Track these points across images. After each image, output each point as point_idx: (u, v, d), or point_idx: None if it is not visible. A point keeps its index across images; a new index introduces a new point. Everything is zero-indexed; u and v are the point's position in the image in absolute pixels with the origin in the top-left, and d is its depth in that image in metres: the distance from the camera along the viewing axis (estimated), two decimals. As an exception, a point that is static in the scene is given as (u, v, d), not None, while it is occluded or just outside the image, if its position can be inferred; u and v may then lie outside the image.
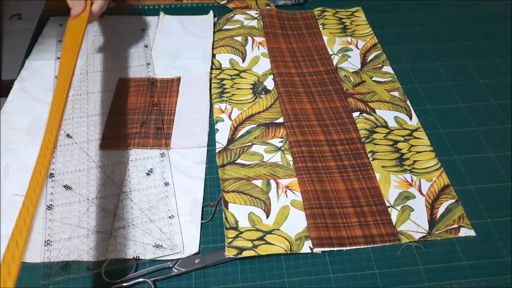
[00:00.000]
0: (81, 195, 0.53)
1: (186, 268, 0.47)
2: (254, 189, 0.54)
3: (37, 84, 0.66)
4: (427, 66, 0.72)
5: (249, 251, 0.48)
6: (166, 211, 0.52)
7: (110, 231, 0.50)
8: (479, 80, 0.69)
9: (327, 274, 0.48)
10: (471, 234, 0.51)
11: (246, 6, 0.82)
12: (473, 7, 0.83)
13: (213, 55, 0.72)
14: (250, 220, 0.51)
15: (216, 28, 0.77)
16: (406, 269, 0.48)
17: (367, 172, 0.56)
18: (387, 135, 0.60)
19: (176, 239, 0.49)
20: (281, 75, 0.68)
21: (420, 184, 0.55)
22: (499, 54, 0.74)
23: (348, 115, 0.63)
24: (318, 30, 0.78)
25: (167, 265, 0.47)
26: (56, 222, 0.50)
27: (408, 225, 0.51)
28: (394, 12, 0.82)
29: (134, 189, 0.54)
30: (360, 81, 0.68)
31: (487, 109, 0.65)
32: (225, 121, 0.62)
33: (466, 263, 0.49)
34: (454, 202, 0.54)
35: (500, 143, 0.61)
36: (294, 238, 0.50)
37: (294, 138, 0.59)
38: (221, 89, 0.67)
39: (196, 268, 0.47)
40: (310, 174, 0.55)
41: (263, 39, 0.75)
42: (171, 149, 0.58)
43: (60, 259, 0.47)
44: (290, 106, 0.64)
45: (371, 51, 0.73)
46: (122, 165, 0.56)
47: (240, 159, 0.58)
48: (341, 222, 0.51)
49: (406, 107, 0.64)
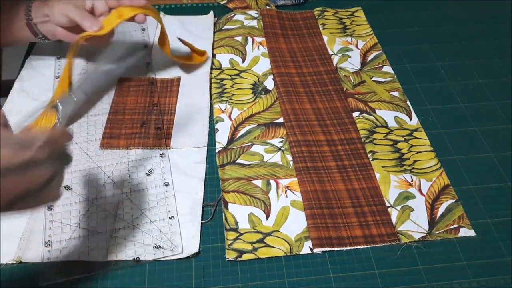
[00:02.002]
0: (81, 195, 0.53)
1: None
2: (254, 189, 0.54)
3: (37, 84, 0.66)
4: (427, 66, 0.72)
5: (249, 254, 0.49)
6: (166, 211, 0.52)
7: (110, 232, 0.50)
8: (479, 80, 0.69)
9: (327, 274, 0.48)
10: (471, 234, 0.51)
11: (246, 6, 0.82)
12: (473, 7, 0.83)
13: (213, 55, 0.72)
14: (250, 221, 0.51)
15: (216, 28, 0.77)
16: (406, 269, 0.48)
17: (367, 172, 0.56)
18: (387, 135, 0.61)
19: (176, 239, 0.49)
20: (281, 75, 0.68)
21: (420, 184, 0.55)
22: (499, 54, 0.74)
23: (348, 115, 0.63)
24: (318, 30, 0.78)
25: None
26: (56, 223, 0.50)
27: (408, 225, 0.51)
28: (394, 12, 0.82)
29: (134, 189, 0.54)
30: (360, 81, 0.68)
31: (487, 109, 0.65)
32: (225, 121, 0.62)
33: (466, 263, 0.49)
34: (454, 202, 0.54)
35: (500, 143, 0.61)
36: (294, 239, 0.50)
37: (294, 138, 0.59)
38: (221, 89, 0.67)
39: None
40: (310, 174, 0.55)
41: (263, 39, 0.75)
42: (171, 149, 0.58)
43: (60, 260, 0.47)
44: (290, 106, 0.64)
45: (371, 51, 0.73)
46: (122, 165, 0.56)
47: (240, 159, 0.58)
48: (341, 222, 0.51)
49: (406, 107, 0.64)
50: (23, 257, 0.47)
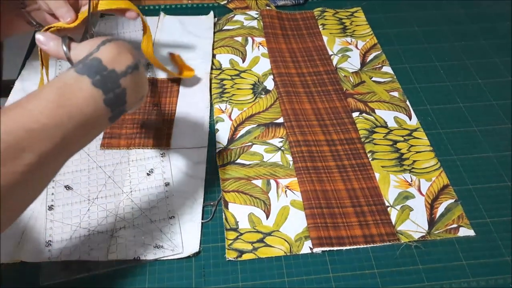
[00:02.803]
0: (82, 195, 0.53)
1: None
2: (254, 189, 0.55)
3: (37, 84, 0.66)
4: (427, 66, 0.72)
5: (249, 254, 0.49)
6: (167, 211, 0.52)
7: (111, 232, 0.50)
8: (479, 80, 0.69)
9: (327, 273, 0.48)
10: (470, 234, 0.51)
11: (246, 6, 0.82)
12: (473, 7, 0.83)
13: (213, 55, 0.72)
14: (250, 221, 0.52)
15: (216, 28, 0.77)
16: (405, 269, 0.48)
17: (367, 172, 0.57)
18: (387, 135, 0.61)
19: (177, 239, 0.50)
20: (281, 75, 0.68)
21: (419, 184, 0.55)
22: (499, 54, 0.74)
23: (348, 115, 0.63)
24: (318, 30, 0.78)
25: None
26: (57, 223, 0.50)
27: (407, 225, 0.51)
28: (394, 12, 0.82)
29: (134, 189, 0.54)
30: (360, 81, 0.68)
31: (487, 109, 0.65)
32: (225, 121, 0.62)
33: (465, 263, 0.49)
34: (454, 202, 0.54)
35: (500, 143, 0.61)
36: (294, 239, 0.50)
37: (294, 138, 0.59)
38: (221, 89, 0.67)
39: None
40: (310, 174, 0.55)
41: (263, 40, 0.75)
42: (171, 149, 0.59)
43: (61, 259, 0.48)
44: (290, 106, 0.64)
45: (371, 51, 0.74)
46: (122, 165, 0.56)
47: (240, 159, 0.58)
48: (340, 222, 0.51)
49: (405, 107, 0.65)
50: (23, 257, 0.48)
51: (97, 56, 0.39)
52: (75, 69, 0.38)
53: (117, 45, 0.40)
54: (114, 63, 0.39)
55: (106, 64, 0.38)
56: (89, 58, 0.39)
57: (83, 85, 0.37)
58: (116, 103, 0.39)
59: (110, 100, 0.38)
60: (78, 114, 0.36)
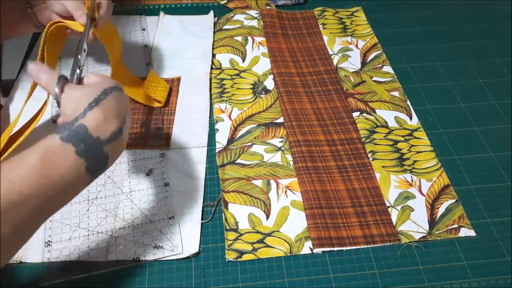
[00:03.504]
0: (81, 195, 0.53)
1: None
2: (254, 189, 0.54)
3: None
4: (427, 66, 0.72)
5: (249, 255, 0.49)
6: (166, 211, 0.52)
7: (111, 232, 0.50)
8: (479, 80, 0.69)
9: (327, 274, 0.48)
10: (471, 234, 0.51)
11: (246, 6, 0.82)
12: (473, 7, 0.83)
13: (213, 55, 0.72)
14: (250, 222, 0.51)
15: (216, 28, 0.77)
16: (406, 269, 0.48)
17: (367, 172, 0.56)
18: (387, 135, 0.60)
19: (176, 239, 0.49)
20: (281, 75, 0.68)
21: (420, 184, 0.55)
22: (499, 54, 0.74)
23: (348, 115, 0.63)
24: (318, 30, 0.78)
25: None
26: (56, 223, 0.50)
27: (408, 225, 0.51)
28: (394, 12, 0.82)
29: (134, 189, 0.54)
30: (360, 81, 0.68)
31: (487, 109, 0.65)
32: (225, 121, 0.62)
33: (466, 263, 0.49)
34: (454, 202, 0.54)
35: (500, 143, 0.61)
36: (294, 239, 0.50)
37: (294, 138, 0.59)
38: (221, 89, 0.67)
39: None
40: (310, 174, 0.55)
41: (263, 39, 0.75)
42: (171, 149, 0.58)
43: (60, 260, 0.47)
44: (290, 106, 0.64)
45: (371, 51, 0.73)
46: (122, 165, 0.56)
47: (240, 159, 0.58)
48: (341, 222, 0.51)
49: (406, 107, 0.64)
50: (23, 257, 0.47)
51: (83, 123, 0.39)
52: (60, 136, 0.38)
53: (103, 110, 0.40)
54: (99, 130, 0.39)
55: (92, 131, 0.39)
56: (75, 124, 0.38)
57: (67, 154, 0.37)
58: (97, 169, 0.40)
59: (91, 166, 0.39)
60: (60, 182, 0.36)
